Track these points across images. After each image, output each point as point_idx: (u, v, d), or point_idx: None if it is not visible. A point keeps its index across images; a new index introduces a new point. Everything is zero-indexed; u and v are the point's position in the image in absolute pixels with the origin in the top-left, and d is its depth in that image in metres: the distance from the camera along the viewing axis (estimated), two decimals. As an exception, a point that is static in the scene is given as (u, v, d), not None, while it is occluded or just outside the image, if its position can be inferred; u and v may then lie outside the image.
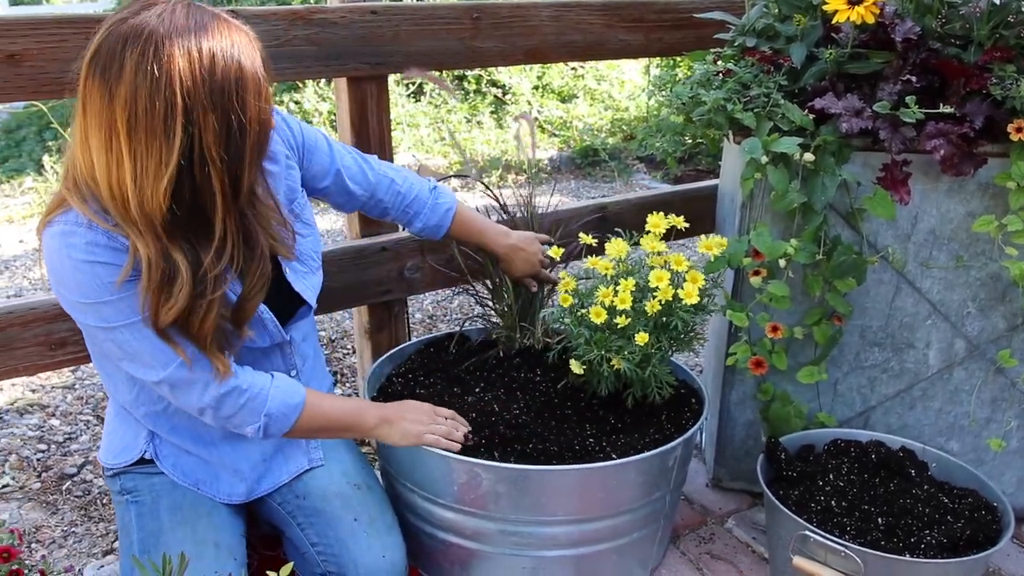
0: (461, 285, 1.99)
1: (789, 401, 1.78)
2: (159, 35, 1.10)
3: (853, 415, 1.85)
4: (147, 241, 1.17)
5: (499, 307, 1.86)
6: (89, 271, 1.20)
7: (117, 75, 1.10)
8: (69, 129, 1.20)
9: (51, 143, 5.59)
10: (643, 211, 1.69)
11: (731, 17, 1.88)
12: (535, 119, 6.07)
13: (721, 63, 1.79)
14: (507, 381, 1.75)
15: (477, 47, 1.94)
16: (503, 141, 5.74)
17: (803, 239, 1.63)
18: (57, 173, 4.88)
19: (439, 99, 6.01)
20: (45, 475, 2.28)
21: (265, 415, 1.35)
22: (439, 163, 5.42)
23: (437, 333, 1.98)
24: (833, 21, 1.56)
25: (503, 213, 1.88)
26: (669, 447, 1.52)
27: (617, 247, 1.61)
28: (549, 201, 2.00)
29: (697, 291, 1.54)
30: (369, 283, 1.96)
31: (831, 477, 1.61)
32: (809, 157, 1.58)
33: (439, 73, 5.93)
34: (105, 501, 2.16)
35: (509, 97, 6.14)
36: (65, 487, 2.23)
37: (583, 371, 1.58)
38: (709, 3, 2.13)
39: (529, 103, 6.15)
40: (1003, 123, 1.51)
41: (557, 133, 6.01)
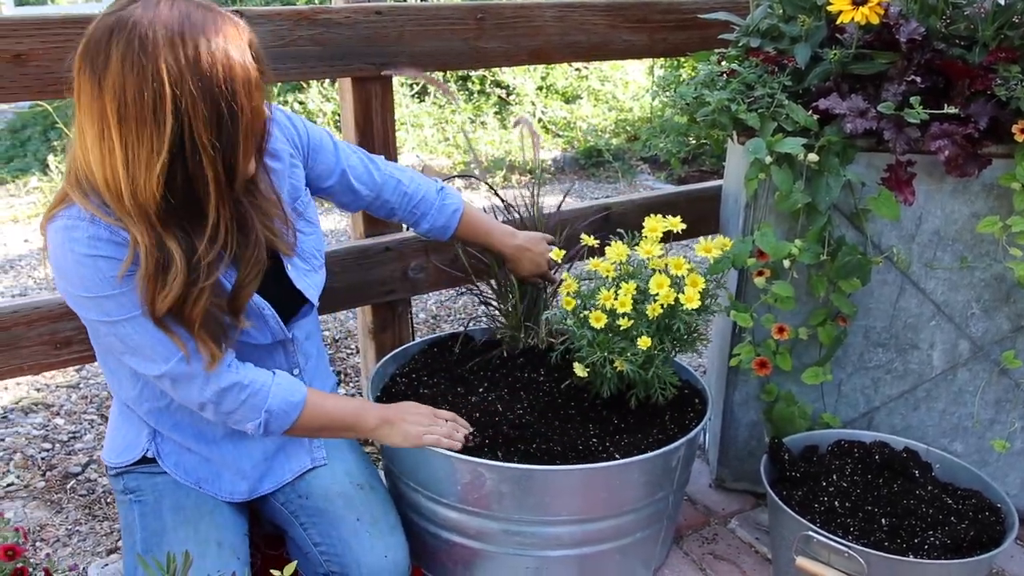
0: (465, 285, 1.99)
1: (793, 402, 1.78)
2: (144, 25, 1.11)
3: (857, 416, 1.85)
4: (142, 230, 1.19)
5: (504, 307, 1.86)
6: (91, 265, 1.21)
7: (104, 66, 1.11)
8: (72, 128, 1.22)
9: (56, 143, 5.60)
10: (647, 212, 1.69)
11: (735, 18, 1.88)
12: (539, 120, 6.07)
13: (725, 63, 1.79)
14: (511, 381, 1.75)
15: (481, 47, 1.94)
16: (507, 142, 5.75)
17: (807, 240, 1.63)
18: (62, 173, 4.89)
19: (443, 100, 6.01)
20: (49, 474, 2.29)
21: (266, 411, 1.36)
22: (443, 163, 5.42)
23: (441, 333, 1.98)
24: (838, 22, 1.56)
25: (507, 213, 1.88)
26: (672, 447, 1.52)
27: (617, 251, 1.61)
28: (560, 201, 2.00)
29: (697, 295, 1.53)
30: (373, 283, 1.96)
31: (835, 478, 1.61)
32: (813, 158, 1.58)
33: (442, 75, 5.94)
34: (109, 500, 2.16)
35: (513, 98, 6.14)
36: (69, 486, 2.23)
37: (586, 373, 1.58)
38: (713, 3, 2.13)
39: (533, 104, 6.15)
40: (1008, 124, 1.51)
41: (561, 134, 6.01)
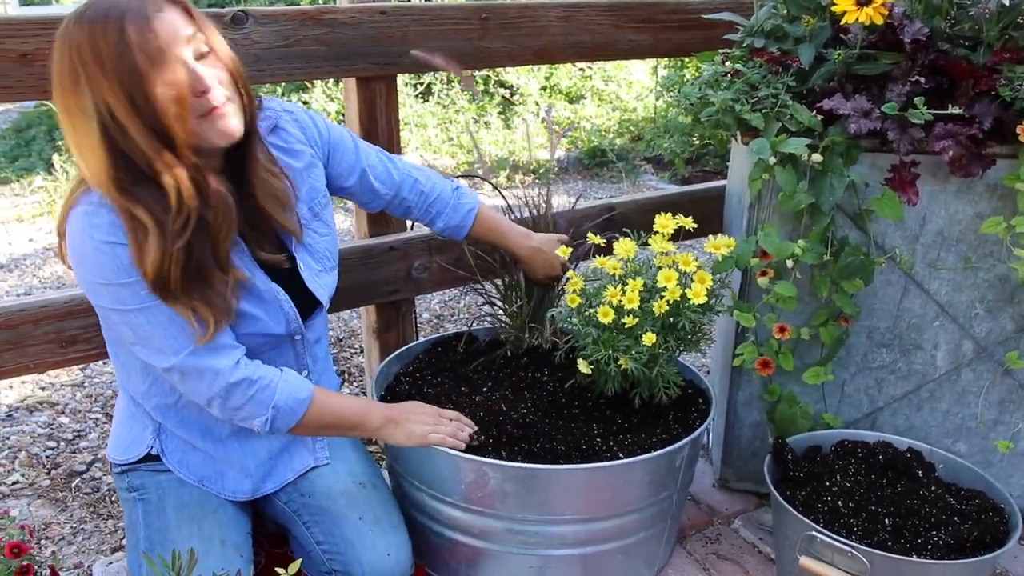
0: (471, 284, 1.99)
1: (796, 402, 1.78)
2: (69, 18, 1.17)
3: (860, 416, 1.85)
4: (116, 206, 1.23)
5: (509, 308, 1.86)
6: (110, 252, 1.23)
7: (52, 64, 1.19)
8: None
9: (60, 142, 5.61)
10: (651, 212, 1.69)
11: (740, 18, 1.88)
12: (542, 120, 6.08)
13: (729, 64, 1.79)
14: (515, 381, 1.75)
15: (485, 47, 1.95)
16: (510, 141, 5.75)
17: (811, 240, 1.63)
18: (67, 172, 4.90)
19: (447, 100, 6.02)
20: (54, 472, 2.30)
21: (273, 407, 1.36)
22: (447, 163, 5.43)
23: (445, 333, 1.99)
24: (842, 22, 1.56)
25: (512, 213, 1.88)
26: (676, 447, 1.52)
27: (625, 247, 1.61)
28: (564, 201, 2.01)
29: (705, 291, 1.54)
30: (377, 282, 1.96)
31: (838, 478, 1.61)
32: (817, 158, 1.58)
33: (446, 75, 5.95)
34: (114, 498, 2.17)
35: (517, 98, 6.15)
36: (74, 484, 2.24)
37: (590, 371, 1.58)
38: (718, 4, 2.13)
39: (537, 104, 6.15)
40: (1012, 124, 1.51)
41: (565, 134, 6.01)
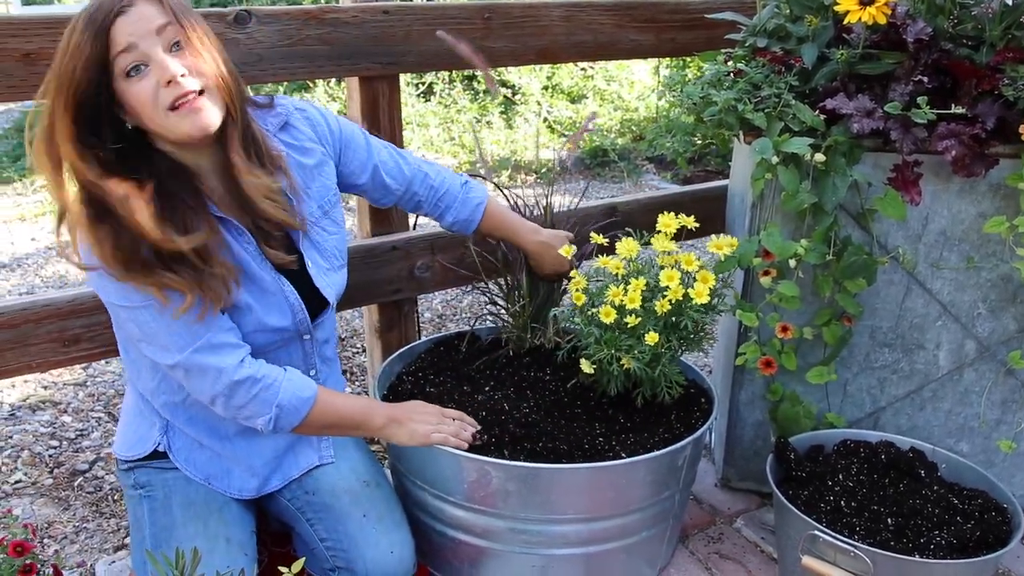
0: (473, 284, 1.99)
1: (798, 401, 1.78)
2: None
3: (863, 416, 1.85)
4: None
5: (512, 307, 1.86)
6: None
7: None
8: None
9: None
10: (653, 211, 1.69)
11: (742, 18, 1.88)
12: (544, 120, 6.08)
13: (732, 63, 1.79)
14: (517, 380, 1.75)
15: (488, 47, 1.94)
16: (512, 141, 5.75)
17: (813, 239, 1.63)
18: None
19: (449, 99, 6.03)
20: (57, 471, 2.30)
21: (276, 406, 1.36)
22: (448, 163, 5.43)
23: (447, 332, 1.99)
24: (845, 22, 1.56)
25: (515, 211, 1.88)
26: (679, 446, 1.52)
27: (628, 247, 1.61)
28: (566, 200, 2.01)
29: (708, 291, 1.54)
30: (379, 282, 1.97)
31: (840, 477, 1.61)
32: (820, 157, 1.58)
33: (448, 74, 5.94)
34: (116, 497, 2.17)
35: (519, 97, 6.15)
36: (77, 483, 2.24)
37: (593, 371, 1.59)
38: (721, 3, 2.13)
39: (539, 103, 6.15)
40: (1015, 124, 1.51)
41: (566, 133, 6.02)
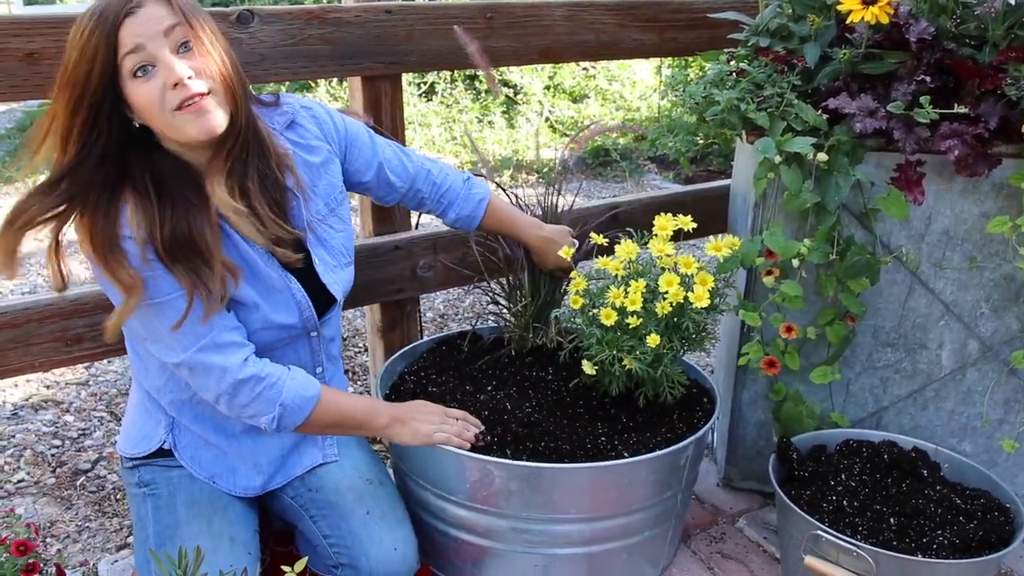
0: (476, 283, 1.99)
1: (801, 401, 1.78)
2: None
3: (865, 415, 1.85)
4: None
5: (514, 307, 1.86)
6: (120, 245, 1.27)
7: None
8: None
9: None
10: (655, 211, 1.69)
11: (745, 17, 1.88)
12: (546, 119, 6.08)
13: (734, 63, 1.79)
14: (519, 380, 1.75)
15: (491, 47, 1.94)
16: (514, 141, 5.75)
17: (816, 239, 1.63)
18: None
19: (450, 99, 6.03)
20: (60, 470, 2.30)
21: (280, 405, 1.37)
22: (450, 162, 5.43)
23: (449, 332, 1.99)
24: (847, 21, 1.56)
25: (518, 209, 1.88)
26: (681, 446, 1.52)
27: (627, 249, 1.61)
28: (569, 200, 2.00)
29: (707, 293, 1.54)
30: (382, 281, 1.97)
31: (843, 477, 1.61)
32: (823, 157, 1.58)
33: (450, 74, 5.94)
34: (119, 497, 2.18)
35: (521, 97, 6.15)
36: (79, 482, 2.25)
37: (595, 371, 1.59)
38: (723, 3, 2.13)
39: (540, 103, 6.15)
40: (1018, 123, 1.51)
41: (568, 133, 6.02)
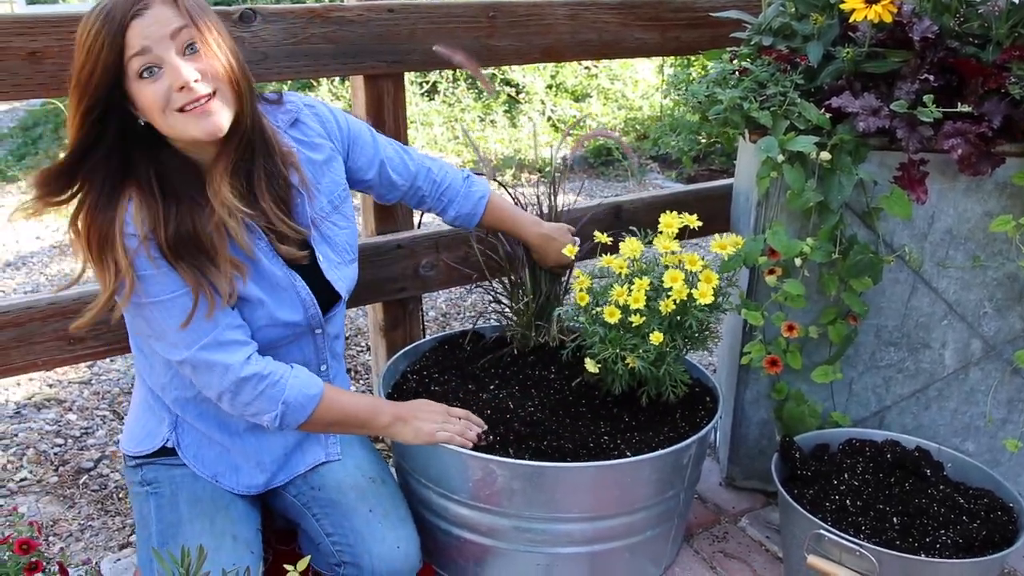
0: (478, 282, 1.99)
1: (803, 400, 1.78)
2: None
3: (868, 415, 1.85)
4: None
5: (516, 305, 1.86)
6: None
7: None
8: None
9: (67, 140, 5.63)
10: (657, 210, 1.69)
11: (747, 16, 1.88)
12: (548, 118, 6.08)
13: (737, 62, 1.79)
14: (522, 379, 1.75)
15: (493, 45, 1.94)
16: (516, 140, 5.75)
17: (819, 238, 1.63)
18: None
19: (452, 98, 6.03)
20: (62, 469, 2.30)
21: (283, 403, 1.37)
22: (453, 161, 5.43)
23: (451, 331, 1.99)
24: (850, 20, 1.56)
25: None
26: (684, 445, 1.52)
27: (631, 246, 1.61)
28: (569, 199, 2.01)
29: (711, 291, 1.54)
30: (384, 280, 1.97)
31: (846, 476, 1.61)
32: (825, 156, 1.58)
33: (452, 73, 5.94)
34: (121, 495, 2.18)
35: (523, 96, 6.15)
36: (82, 481, 2.25)
37: (598, 370, 1.58)
38: (725, 2, 2.13)
39: (543, 102, 6.15)
40: (1021, 122, 1.51)
41: (570, 132, 6.02)
